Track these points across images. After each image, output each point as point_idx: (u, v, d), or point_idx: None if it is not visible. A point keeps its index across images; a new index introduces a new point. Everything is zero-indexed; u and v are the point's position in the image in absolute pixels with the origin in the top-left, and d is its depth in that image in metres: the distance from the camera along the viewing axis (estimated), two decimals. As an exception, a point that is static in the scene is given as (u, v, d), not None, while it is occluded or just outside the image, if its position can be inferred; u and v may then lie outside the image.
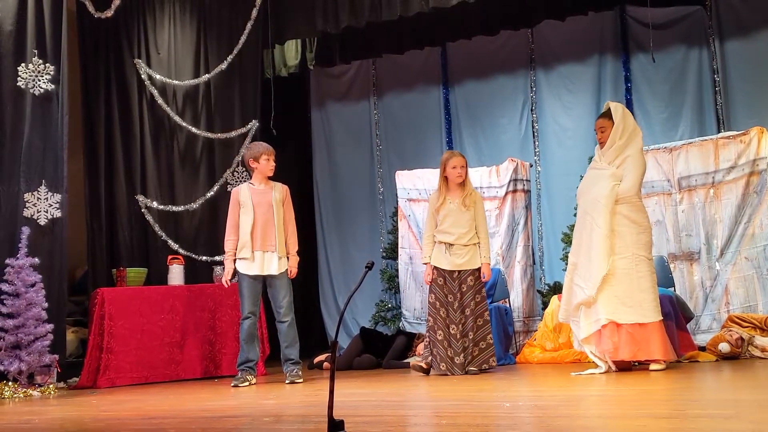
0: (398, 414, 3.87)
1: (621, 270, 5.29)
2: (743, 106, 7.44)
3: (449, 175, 5.96)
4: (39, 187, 6.16)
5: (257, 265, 5.91)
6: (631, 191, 5.37)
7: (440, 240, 5.93)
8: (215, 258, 7.27)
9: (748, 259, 6.41)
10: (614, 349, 5.25)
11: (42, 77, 6.25)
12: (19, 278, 5.73)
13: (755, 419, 3.07)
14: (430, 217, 6.02)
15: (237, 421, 3.86)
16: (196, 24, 7.62)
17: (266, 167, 6.03)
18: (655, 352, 5.22)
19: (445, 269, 5.90)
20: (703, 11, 7.67)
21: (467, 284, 5.90)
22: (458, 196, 5.95)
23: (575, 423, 3.27)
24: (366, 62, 9.24)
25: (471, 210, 5.95)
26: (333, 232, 9.31)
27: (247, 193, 6.01)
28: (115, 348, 6.27)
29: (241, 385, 5.77)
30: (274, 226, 5.95)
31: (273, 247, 5.93)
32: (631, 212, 5.36)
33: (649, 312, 5.25)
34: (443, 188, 5.98)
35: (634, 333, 5.23)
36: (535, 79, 8.46)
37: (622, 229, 5.34)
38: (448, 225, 5.91)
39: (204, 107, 7.56)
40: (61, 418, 4.39)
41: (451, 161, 5.95)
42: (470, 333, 5.84)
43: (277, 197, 6.03)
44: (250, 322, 5.91)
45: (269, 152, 6.07)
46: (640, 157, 5.46)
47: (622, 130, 5.46)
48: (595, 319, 5.33)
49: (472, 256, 5.92)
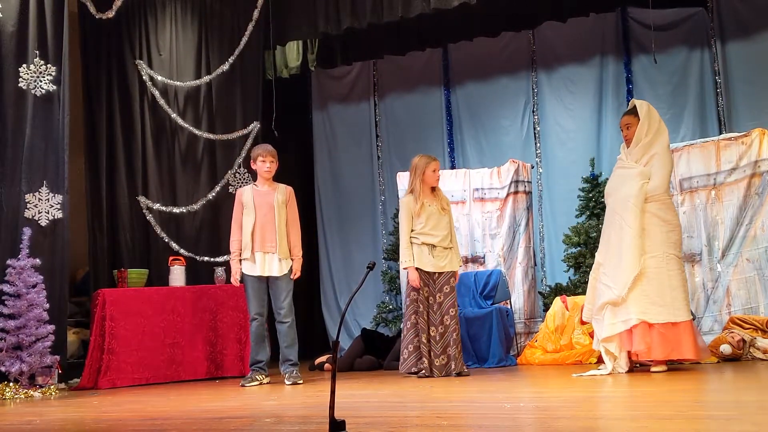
0: (399, 415, 3.87)
1: (652, 269, 5.25)
2: (745, 107, 7.44)
3: (428, 179, 5.99)
4: (40, 188, 6.16)
5: (259, 266, 5.93)
6: (660, 189, 5.35)
7: (423, 242, 5.92)
8: (216, 259, 7.27)
9: (750, 261, 6.40)
10: (647, 349, 5.20)
11: (43, 78, 6.25)
12: (20, 279, 5.74)
13: (757, 421, 3.07)
14: (408, 221, 5.97)
15: (238, 422, 3.86)
16: (198, 25, 7.63)
17: (262, 168, 6.05)
18: (686, 351, 5.18)
19: (428, 271, 5.92)
20: (705, 13, 7.67)
21: (449, 285, 5.93)
22: (434, 200, 6.00)
23: (577, 424, 3.27)
24: (367, 63, 9.24)
25: (447, 213, 6.02)
26: (334, 234, 9.31)
27: (250, 195, 6.03)
28: (117, 349, 6.27)
29: (248, 384, 5.81)
30: (274, 227, 5.96)
31: (273, 248, 5.94)
32: (660, 210, 5.33)
33: (680, 311, 5.21)
34: (419, 192, 5.98)
35: (666, 333, 5.18)
36: (536, 80, 8.46)
37: (652, 228, 5.31)
38: (431, 227, 5.92)
39: (205, 108, 7.56)
40: (62, 419, 4.39)
41: (431, 165, 5.99)
42: (453, 334, 5.85)
43: (279, 199, 6.04)
44: (257, 324, 5.93)
45: (265, 153, 6.07)
46: (668, 155, 5.44)
47: (648, 127, 5.44)
48: (624, 319, 5.27)
49: (451, 259, 5.98)
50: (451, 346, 5.83)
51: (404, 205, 6.05)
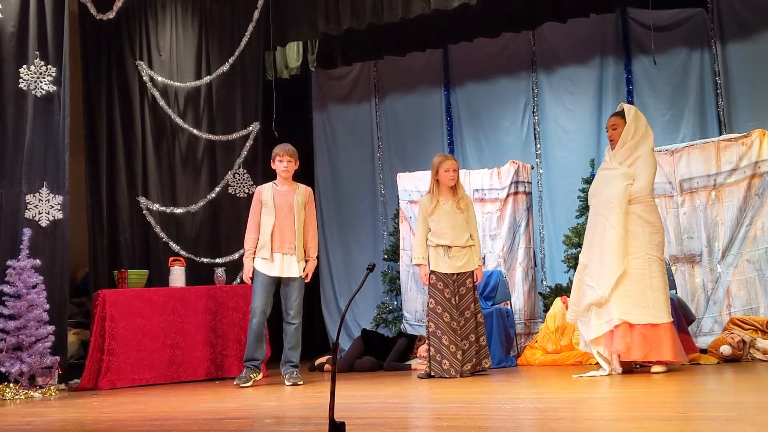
0: (399, 416, 3.87)
1: (634, 270, 5.28)
2: (745, 108, 7.44)
3: (442, 179, 5.99)
4: (40, 189, 6.16)
5: (277, 266, 5.90)
6: (644, 191, 5.37)
7: (438, 243, 5.93)
8: (216, 260, 7.27)
9: (750, 262, 6.40)
10: (627, 350, 5.23)
11: (44, 79, 6.25)
12: (20, 280, 5.74)
13: (757, 422, 3.07)
14: (423, 220, 6.02)
15: (238, 423, 3.86)
16: (198, 25, 7.63)
17: (279, 168, 6.02)
18: (666, 353, 5.21)
19: (445, 272, 5.91)
20: (705, 13, 7.66)
21: (466, 286, 5.92)
22: (450, 199, 5.99)
23: (577, 425, 3.27)
24: (367, 64, 9.24)
25: (465, 213, 5.99)
26: (334, 234, 9.31)
27: (270, 194, 5.99)
28: (117, 350, 6.27)
29: (244, 385, 5.77)
30: (293, 228, 5.94)
31: (292, 250, 5.92)
32: (644, 212, 5.35)
33: (661, 313, 5.24)
34: (435, 191, 6.00)
35: (646, 334, 5.21)
36: (536, 81, 8.46)
37: (635, 229, 5.33)
38: (445, 227, 5.93)
39: (205, 109, 7.56)
40: (62, 419, 4.39)
41: (444, 164, 5.98)
42: (471, 335, 5.85)
43: (299, 200, 6.01)
44: (258, 322, 5.89)
45: (282, 153, 6.02)
46: (652, 157, 5.47)
47: (634, 131, 5.46)
48: (607, 320, 5.30)
49: (469, 259, 5.96)
50: (471, 346, 5.82)
51: (420, 204, 6.14)
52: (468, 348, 5.84)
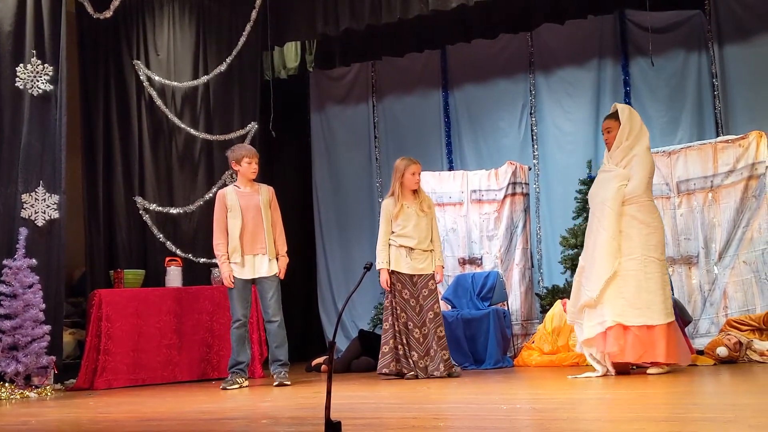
0: (396, 416, 3.86)
1: (629, 271, 5.25)
2: (742, 110, 7.44)
3: (407, 182, 6.04)
4: (37, 188, 6.15)
5: (248, 269, 5.92)
6: (638, 191, 5.34)
7: (401, 244, 5.99)
8: (213, 260, 7.25)
9: (747, 263, 6.40)
10: (620, 352, 5.22)
11: (40, 78, 6.24)
12: (16, 279, 5.72)
13: (754, 423, 3.06)
14: (387, 223, 6.06)
15: (234, 424, 3.85)
16: (196, 25, 7.62)
17: (248, 170, 6.03)
18: (660, 355, 5.18)
19: (405, 273, 5.96)
20: (702, 15, 7.67)
21: (428, 288, 5.98)
22: (414, 202, 6.04)
23: (573, 426, 3.26)
24: (366, 65, 9.23)
25: (428, 215, 6.04)
26: (332, 235, 9.29)
27: (234, 197, 5.99)
28: (113, 350, 6.26)
29: (230, 387, 5.75)
30: (263, 229, 5.96)
31: (263, 250, 5.94)
32: (639, 212, 5.32)
33: (656, 314, 5.20)
34: (399, 194, 6.03)
35: (640, 335, 5.19)
36: (534, 82, 8.46)
37: (630, 230, 5.30)
38: (409, 230, 5.97)
39: (203, 109, 7.55)
40: (58, 419, 4.38)
41: (410, 168, 6.04)
42: (435, 337, 5.88)
43: (264, 199, 6.03)
44: (239, 326, 5.90)
45: (251, 155, 6.05)
46: (647, 157, 5.44)
47: (629, 131, 5.45)
48: (599, 321, 5.29)
49: (431, 261, 6.03)
50: (433, 348, 5.86)
51: (383, 207, 6.16)
52: (435, 349, 5.86)
